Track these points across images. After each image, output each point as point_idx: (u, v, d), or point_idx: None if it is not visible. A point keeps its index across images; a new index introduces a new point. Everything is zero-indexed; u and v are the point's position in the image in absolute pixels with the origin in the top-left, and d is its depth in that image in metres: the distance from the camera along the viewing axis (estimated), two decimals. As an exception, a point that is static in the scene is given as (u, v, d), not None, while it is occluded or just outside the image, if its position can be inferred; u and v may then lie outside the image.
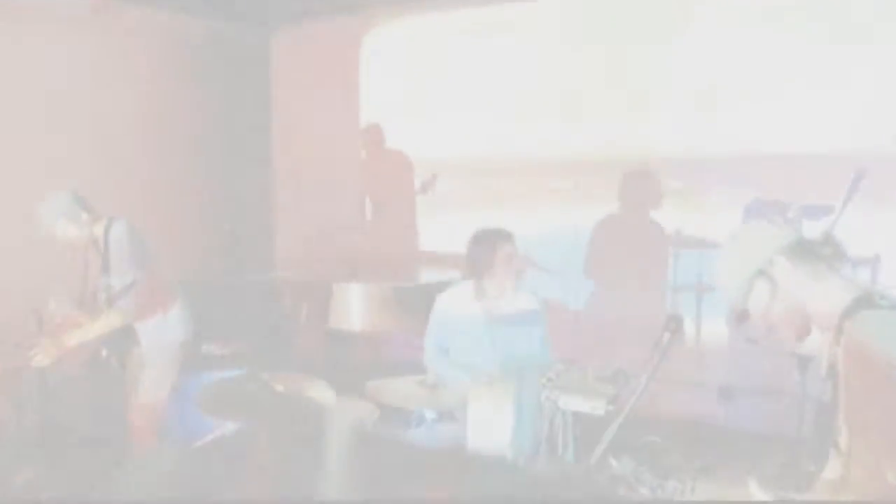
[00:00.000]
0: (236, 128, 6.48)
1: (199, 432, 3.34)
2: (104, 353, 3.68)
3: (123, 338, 3.68)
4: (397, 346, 5.38)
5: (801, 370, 3.62)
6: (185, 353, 3.82)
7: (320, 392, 3.29)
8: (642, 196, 5.14)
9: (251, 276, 5.92)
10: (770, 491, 1.97)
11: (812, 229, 4.58)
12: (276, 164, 6.78)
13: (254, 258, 6.51)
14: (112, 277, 3.57)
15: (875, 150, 4.29)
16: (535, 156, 5.50)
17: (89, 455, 3.58)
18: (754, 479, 1.96)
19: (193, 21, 6.17)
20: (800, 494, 1.96)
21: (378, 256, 6.20)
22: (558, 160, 5.41)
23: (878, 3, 4.41)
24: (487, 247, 3.56)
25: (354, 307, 4.74)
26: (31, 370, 3.63)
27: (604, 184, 5.22)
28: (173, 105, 6.03)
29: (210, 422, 3.21)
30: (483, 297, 3.59)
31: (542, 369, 3.10)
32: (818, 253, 1.93)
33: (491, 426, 2.87)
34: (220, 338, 4.63)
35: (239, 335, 4.85)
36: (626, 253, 5.15)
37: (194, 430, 3.48)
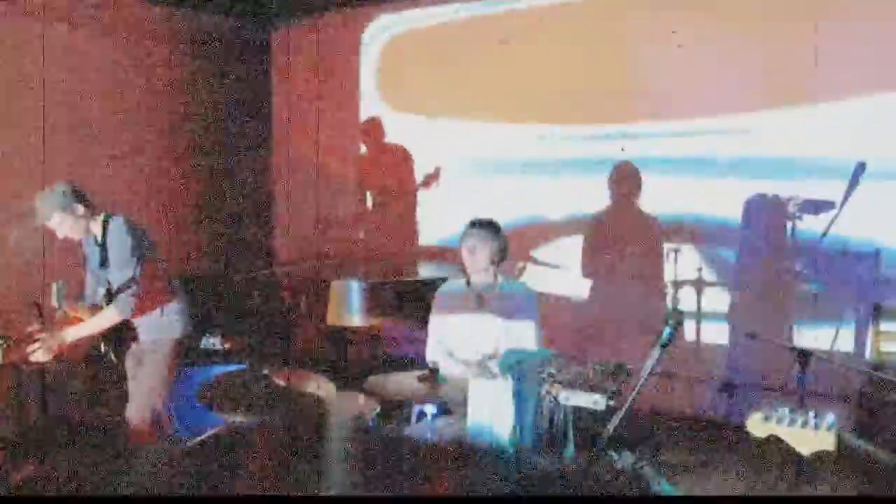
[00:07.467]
0: (237, 122, 6.47)
1: (199, 427, 3.33)
2: (103, 348, 3.68)
3: (122, 333, 3.67)
4: (397, 341, 5.37)
5: (802, 365, 3.61)
6: (184, 348, 3.81)
7: (320, 387, 3.29)
8: (628, 189, 5.13)
9: (251, 271, 5.91)
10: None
11: (813, 224, 4.59)
12: (276, 158, 6.77)
13: (254, 253, 6.50)
14: (111, 273, 3.56)
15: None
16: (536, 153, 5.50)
17: (90, 450, 3.57)
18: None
19: (193, 15, 6.15)
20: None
21: (378, 251, 6.19)
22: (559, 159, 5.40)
23: None
24: (462, 239, 3.62)
25: (354, 302, 4.73)
26: (31, 365, 3.62)
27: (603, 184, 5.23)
28: (173, 99, 6.02)
29: (210, 417, 3.20)
30: (471, 289, 3.63)
31: (542, 363, 3.10)
32: None
33: (491, 421, 2.86)
34: (220, 333, 4.62)
35: (239, 330, 4.85)
36: (619, 247, 5.14)
37: (194, 425, 3.47)
